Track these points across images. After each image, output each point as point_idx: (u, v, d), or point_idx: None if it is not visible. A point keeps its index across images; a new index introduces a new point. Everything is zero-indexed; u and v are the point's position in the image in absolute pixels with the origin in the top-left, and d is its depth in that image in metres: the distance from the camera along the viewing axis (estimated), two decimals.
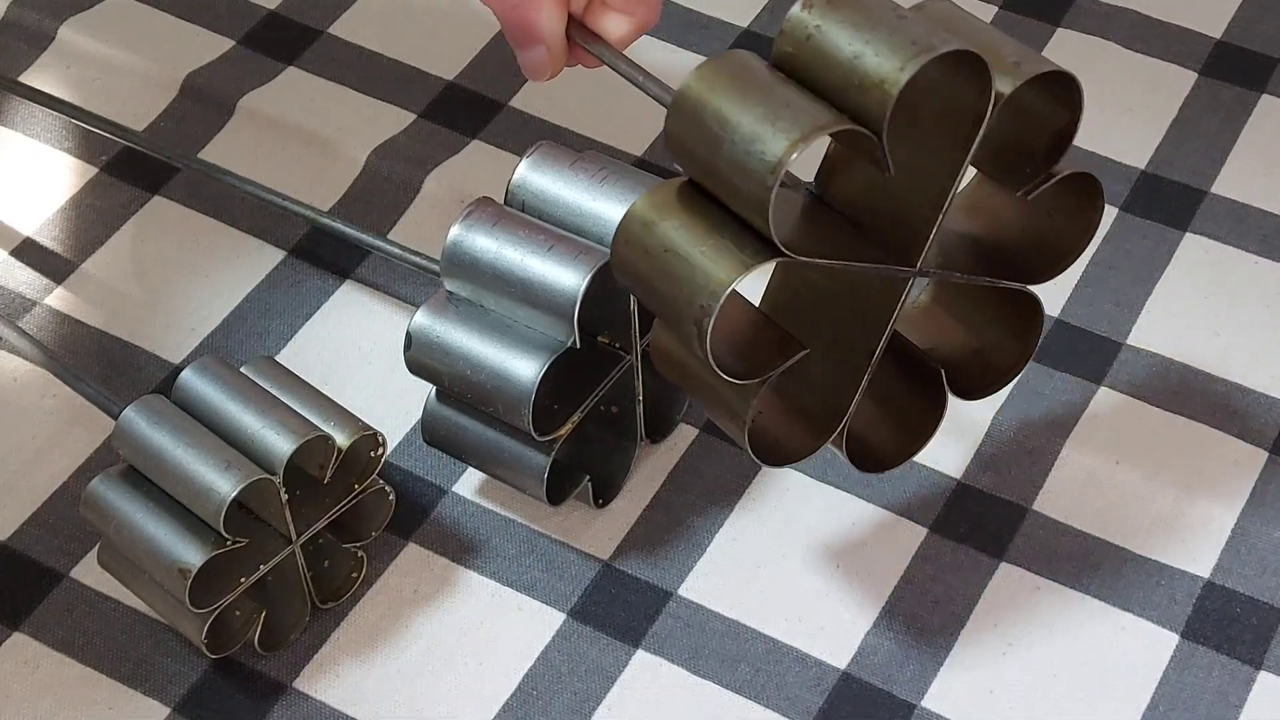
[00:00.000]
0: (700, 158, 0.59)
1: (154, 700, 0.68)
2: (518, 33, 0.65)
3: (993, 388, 0.69)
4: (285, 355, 0.78)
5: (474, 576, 0.71)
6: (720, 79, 0.58)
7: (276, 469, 0.65)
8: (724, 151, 0.57)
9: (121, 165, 0.84)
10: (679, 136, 0.59)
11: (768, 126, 0.56)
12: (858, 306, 0.64)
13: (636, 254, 0.60)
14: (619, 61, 0.65)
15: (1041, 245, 0.66)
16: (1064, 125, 0.62)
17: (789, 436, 0.65)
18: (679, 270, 0.59)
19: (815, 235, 0.62)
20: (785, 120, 0.56)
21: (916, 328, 0.69)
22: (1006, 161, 0.63)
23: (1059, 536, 0.71)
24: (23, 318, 0.79)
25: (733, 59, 0.59)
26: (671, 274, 0.59)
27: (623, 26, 0.66)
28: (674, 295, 0.59)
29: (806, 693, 0.68)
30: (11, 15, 0.91)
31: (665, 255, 0.59)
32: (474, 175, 0.83)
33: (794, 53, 0.58)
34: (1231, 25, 0.89)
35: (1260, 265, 0.79)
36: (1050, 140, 0.62)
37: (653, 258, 0.59)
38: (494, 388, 0.67)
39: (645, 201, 0.60)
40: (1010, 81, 0.59)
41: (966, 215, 0.66)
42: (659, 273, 0.59)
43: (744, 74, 0.58)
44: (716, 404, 0.64)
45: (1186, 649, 0.68)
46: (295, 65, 0.88)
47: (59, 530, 0.73)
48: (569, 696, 0.68)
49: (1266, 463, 0.73)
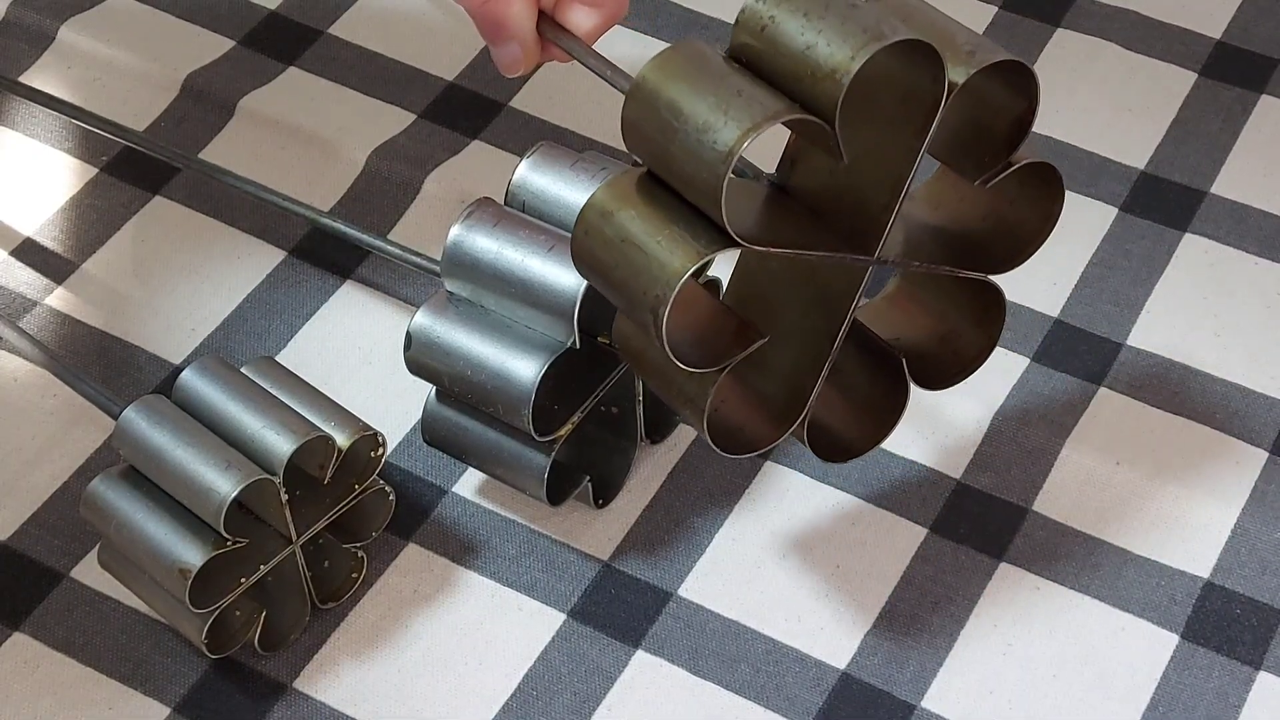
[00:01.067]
0: (655, 147, 0.59)
1: (154, 700, 0.68)
2: (489, 28, 0.66)
3: (958, 377, 0.69)
4: (285, 355, 0.78)
5: (474, 577, 0.71)
6: (675, 68, 0.59)
7: (277, 469, 0.65)
8: (678, 140, 0.58)
9: (122, 165, 0.84)
10: (635, 125, 0.59)
11: (720, 115, 0.57)
12: (818, 295, 0.64)
13: (595, 244, 0.60)
14: (587, 56, 0.65)
15: (1003, 235, 0.67)
16: (1021, 114, 0.62)
17: (750, 425, 0.66)
18: (636, 260, 0.59)
19: (775, 225, 0.63)
20: (737, 109, 0.57)
21: (882, 318, 0.69)
22: (965, 151, 0.63)
23: (1059, 537, 0.71)
24: (23, 318, 0.79)
25: (688, 48, 0.59)
26: (629, 263, 0.59)
27: (591, 19, 0.66)
28: (631, 285, 0.59)
29: (806, 693, 0.68)
30: (12, 15, 0.91)
31: (623, 245, 0.59)
32: (474, 175, 0.83)
33: (750, 43, 0.59)
34: (1231, 26, 0.89)
35: (1260, 265, 0.79)
36: (1008, 129, 0.62)
37: (611, 248, 0.60)
38: (494, 388, 0.67)
39: (604, 192, 0.60)
40: (964, 70, 0.59)
41: (929, 206, 0.67)
42: (617, 262, 0.60)
43: (698, 63, 0.59)
44: (676, 393, 0.64)
45: (1186, 649, 0.68)
46: (296, 65, 0.88)
47: (59, 530, 0.73)
48: (569, 697, 0.68)
49: (1266, 463, 0.73)
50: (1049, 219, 0.66)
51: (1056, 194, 0.65)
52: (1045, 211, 0.66)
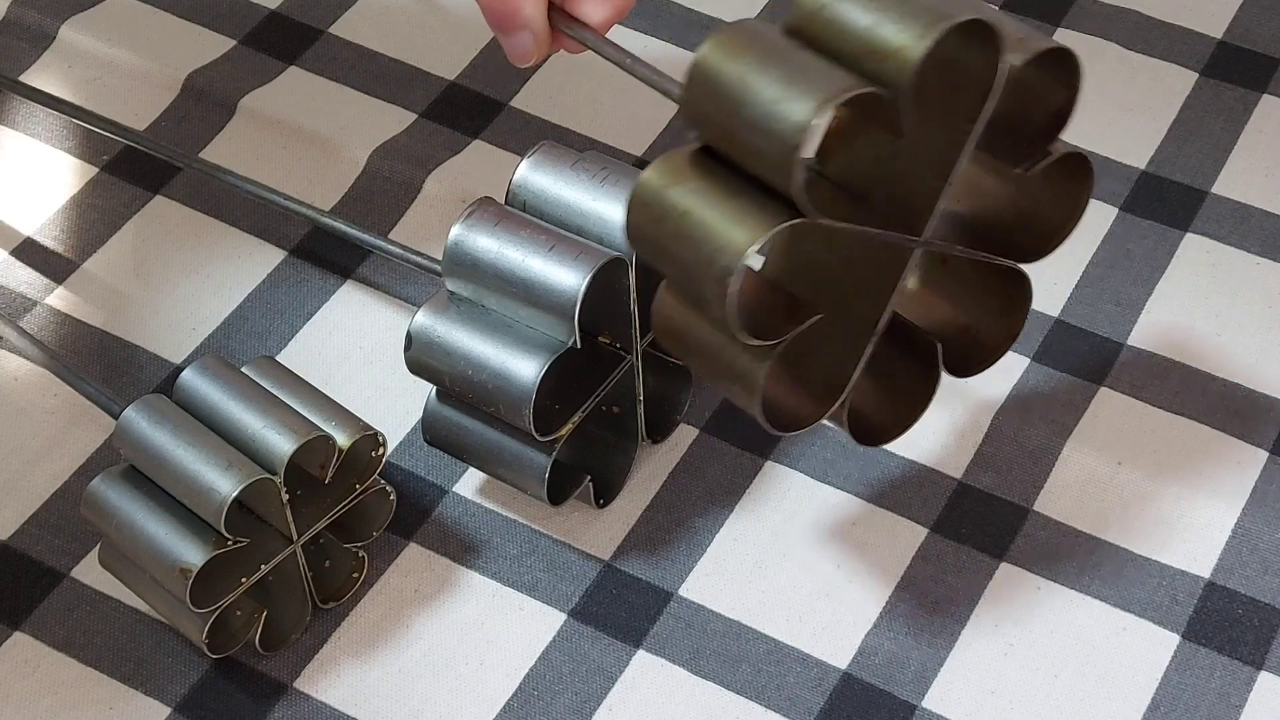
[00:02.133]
0: (720, 122, 0.59)
1: (154, 700, 0.68)
2: (500, 19, 0.66)
3: (983, 365, 0.69)
4: (286, 355, 0.78)
5: (475, 576, 0.71)
6: (737, 45, 0.59)
7: (277, 469, 0.65)
8: (745, 115, 0.58)
9: (122, 165, 0.84)
10: (696, 102, 0.60)
11: (790, 89, 0.57)
12: (857, 279, 0.65)
13: (652, 217, 0.60)
14: (603, 45, 0.65)
15: (1030, 224, 0.67)
16: (1062, 104, 0.63)
17: (789, 404, 0.66)
18: (697, 233, 0.59)
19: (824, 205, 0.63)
20: (806, 84, 0.57)
21: (907, 309, 0.69)
22: (1005, 138, 0.64)
23: (1060, 537, 0.71)
24: (24, 317, 0.79)
25: (747, 26, 0.60)
26: (689, 237, 0.59)
27: (602, 11, 0.66)
28: (692, 258, 0.59)
29: (807, 693, 0.68)
30: (12, 15, 0.91)
31: (682, 219, 0.59)
32: (475, 175, 0.83)
33: (807, 23, 0.59)
34: (1233, 25, 0.89)
35: (1261, 265, 0.79)
36: (1048, 119, 0.63)
37: (669, 222, 0.60)
38: (495, 388, 0.67)
39: (658, 167, 0.60)
40: (1018, 55, 0.60)
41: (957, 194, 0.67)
42: (676, 236, 0.60)
43: (760, 40, 0.59)
44: (725, 371, 0.64)
45: (1188, 649, 0.68)
46: (296, 65, 0.88)
47: (59, 530, 0.73)
48: (570, 697, 0.68)
49: (1267, 463, 0.73)
50: (1077, 209, 0.66)
51: (1087, 185, 0.66)
52: (1074, 202, 0.66)
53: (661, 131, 0.85)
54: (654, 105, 0.85)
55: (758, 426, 0.75)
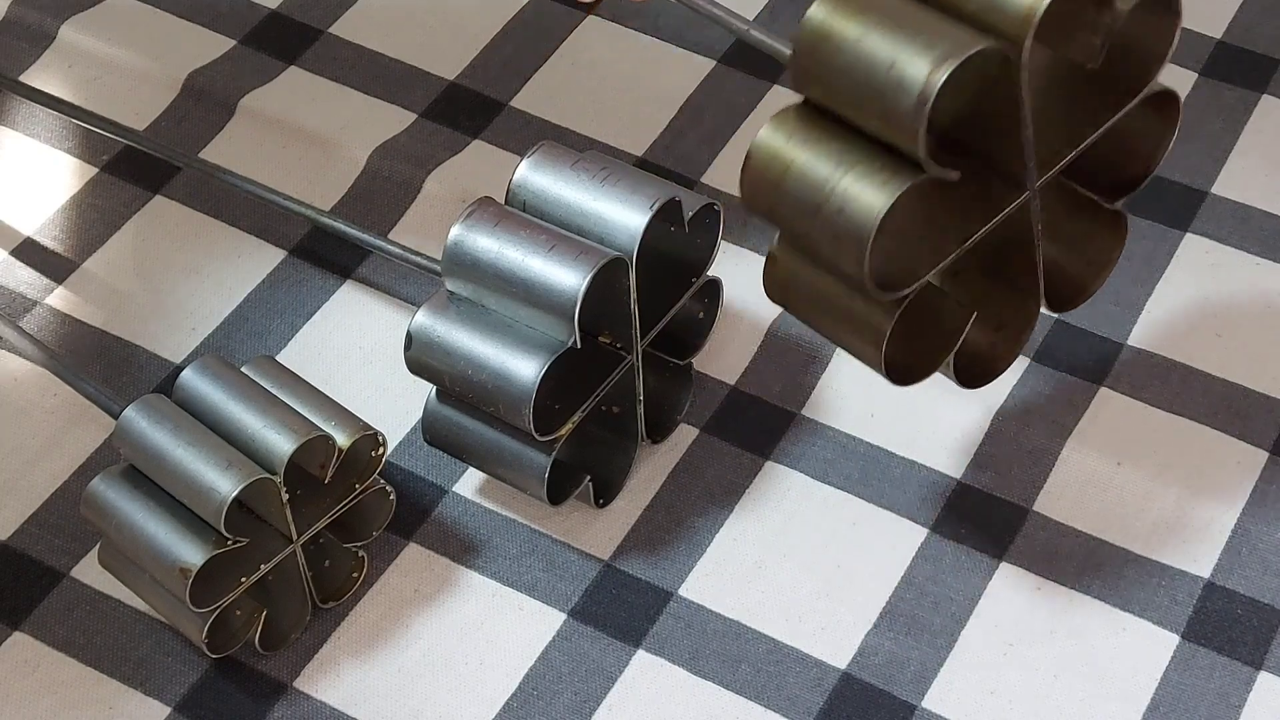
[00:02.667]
0: (837, 81, 0.60)
1: (154, 700, 0.68)
2: None
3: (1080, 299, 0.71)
4: (286, 355, 0.78)
5: (475, 576, 0.71)
6: (850, 4, 0.60)
7: (277, 469, 0.65)
8: (865, 73, 0.59)
9: (122, 165, 0.84)
10: (807, 63, 0.60)
11: (913, 47, 0.58)
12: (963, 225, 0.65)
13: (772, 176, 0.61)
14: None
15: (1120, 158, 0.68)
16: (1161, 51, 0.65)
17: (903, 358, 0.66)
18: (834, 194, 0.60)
19: None
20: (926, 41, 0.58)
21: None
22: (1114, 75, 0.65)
23: (1059, 537, 0.71)
24: (23, 317, 0.79)
25: None
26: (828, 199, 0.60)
27: None
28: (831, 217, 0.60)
29: (807, 693, 0.68)
30: (12, 14, 0.91)
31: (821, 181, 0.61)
32: (475, 175, 0.83)
33: None
34: (1233, 25, 0.89)
35: (1261, 266, 0.79)
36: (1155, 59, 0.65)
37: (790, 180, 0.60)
38: (495, 387, 0.67)
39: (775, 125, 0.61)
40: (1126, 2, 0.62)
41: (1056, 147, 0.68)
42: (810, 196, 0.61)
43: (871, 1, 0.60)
44: (847, 322, 0.65)
45: (1187, 650, 0.68)
46: (296, 65, 0.88)
47: (59, 530, 0.73)
48: (570, 696, 0.68)
49: (1267, 463, 0.73)
50: (1161, 144, 0.68)
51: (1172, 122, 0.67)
52: (1158, 139, 0.68)
53: (662, 131, 0.85)
54: (654, 105, 0.85)
55: (758, 426, 0.75)
